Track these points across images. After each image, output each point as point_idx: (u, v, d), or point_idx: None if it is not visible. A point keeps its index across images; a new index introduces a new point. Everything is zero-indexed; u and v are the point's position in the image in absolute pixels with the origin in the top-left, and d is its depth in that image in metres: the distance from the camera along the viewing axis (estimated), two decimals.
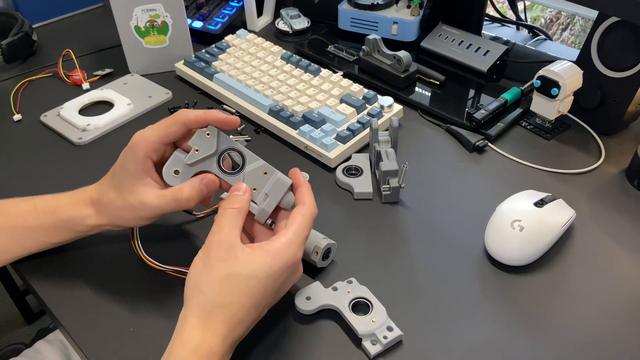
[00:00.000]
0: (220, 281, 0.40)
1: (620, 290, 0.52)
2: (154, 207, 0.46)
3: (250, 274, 0.41)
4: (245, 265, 0.41)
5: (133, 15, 0.78)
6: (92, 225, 0.49)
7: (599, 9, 0.68)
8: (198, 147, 0.46)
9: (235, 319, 0.41)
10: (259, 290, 0.41)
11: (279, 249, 0.42)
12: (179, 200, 0.46)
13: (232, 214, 0.43)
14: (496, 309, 0.51)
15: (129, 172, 0.46)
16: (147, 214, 0.47)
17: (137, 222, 0.49)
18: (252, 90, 0.74)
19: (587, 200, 0.62)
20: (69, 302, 0.51)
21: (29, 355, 0.72)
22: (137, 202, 0.46)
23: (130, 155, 0.46)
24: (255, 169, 0.46)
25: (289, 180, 0.46)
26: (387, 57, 0.78)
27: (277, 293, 0.44)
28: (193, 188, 0.46)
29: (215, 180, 0.47)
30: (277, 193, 0.46)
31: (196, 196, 0.46)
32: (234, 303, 0.40)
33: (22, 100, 0.79)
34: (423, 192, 0.63)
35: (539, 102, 0.69)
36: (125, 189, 0.47)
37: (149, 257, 0.52)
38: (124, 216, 0.48)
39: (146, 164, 0.46)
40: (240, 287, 0.41)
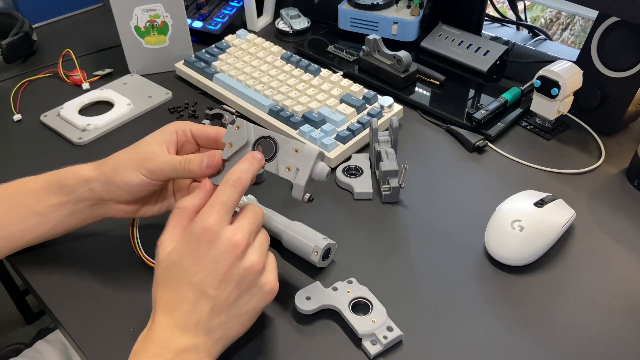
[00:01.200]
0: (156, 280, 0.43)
1: (620, 290, 0.52)
2: (155, 159, 0.47)
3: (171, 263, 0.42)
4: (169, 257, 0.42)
5: (133, 15, 0.78)
6: (82, 175, 0.49)
7: (599, 9, 0.68)
8: (231, 141, 0.47)
9: (169, 304, 0.42)
10: (179, 272, 0.41)
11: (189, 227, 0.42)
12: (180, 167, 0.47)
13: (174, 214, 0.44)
14: (496, 309, 0.51)
15: (152, 137, 0.49)
16: (146, 164, 0.47)
17: (130, 177, 0.47)
18: (252, 90, 0.74)
19: (587, 200, 0.62)
20: (69, 302, 0.51)
21: (29, 356, 0.72)
22: (146, 151, 0.47)
23: (162, 127, 0.50)
24: (286, 149, 0.47)
25: (316, 149, 0.46)
26: (387, 57, 0.78)
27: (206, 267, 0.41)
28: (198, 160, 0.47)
29: (218, 163, 0.47)
30: (306, 165, 0.46)
31: (196, 169, 0.47)
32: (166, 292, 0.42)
33: (22, 100, 0.79)
34: (423, 192, 0.63)
35: (539, 102, 0.69)
36: (141, 145, 0.49)
37: (148, 257, 0.52)
38: (121, 164, 0.48)
39: (171, 137, 0.49)
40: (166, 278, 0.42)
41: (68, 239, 0.56)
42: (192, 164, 0.47)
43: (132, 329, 0.49)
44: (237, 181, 0.43)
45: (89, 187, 0.49)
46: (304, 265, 0.54)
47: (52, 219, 0.50)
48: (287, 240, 0.54)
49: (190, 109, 0.76)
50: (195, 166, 0.47)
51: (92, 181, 0.49)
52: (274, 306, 0.50)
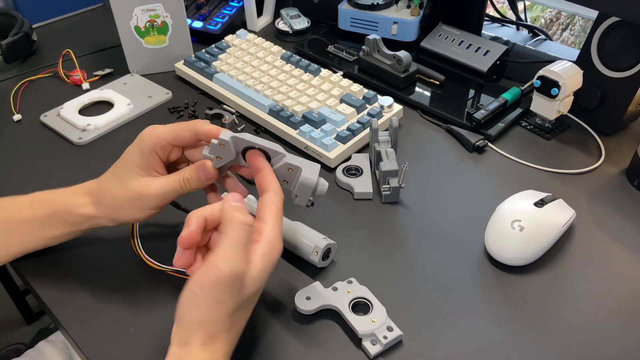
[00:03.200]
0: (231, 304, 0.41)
1: (620, 290, 0.52)
2: (154, 193, 0.47)
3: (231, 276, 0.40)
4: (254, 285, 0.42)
5: (133, 15, 0.78)
6: (85, 215, 0.49)
7: (599, 9, 0.68)
8: (219, 155, 0.47)
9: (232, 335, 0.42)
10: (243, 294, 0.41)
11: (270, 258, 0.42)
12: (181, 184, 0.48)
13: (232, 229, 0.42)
14: (496, 309, 0.51)
15: (133, 162, 0.47)
16: (146, 202, 0.47)
17: (134, 214, 0.48)
18: (252, 90, 0.74)
19: (587, 200, 0.62)
20: (69, 302, 0.51)
21: (31, 356, 0.72)
22: (138, 188, 0.47)
23: (138, 146, 0.48)
24: (281, 166, 0.47)
25: (312, 181, 0.46)
26: (387, 57, 0.78)
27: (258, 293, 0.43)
28: (191, 172, 0.48)
29: (209, 171, 0.48)
30: (305, 194, 0.47)
31: (194, 180, 0.48)
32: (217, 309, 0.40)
33: (22, 100, 0.79)
34: (423, 192, 0.63)
35: (539, 102, 0.69)
36: (126, 177, 0.48)
37: (148, 257, 0.52)
38: (121, 205, 0.48)
39: (152, 157, 0.48)
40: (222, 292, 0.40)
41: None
42: (193, 183, 0.48)
43: (132, 329, 0.49)
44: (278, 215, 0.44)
45: (96, 222, 0.50)
46: (304, 265, 0.54)
47: (62, 240, 0.52)
48: (287, 240, 0.54)
49: (190, 109, 0.76)
50: (196, 183, 0.48)
51: (97, 218, 0.49)
52: (274, 306, 0.50)
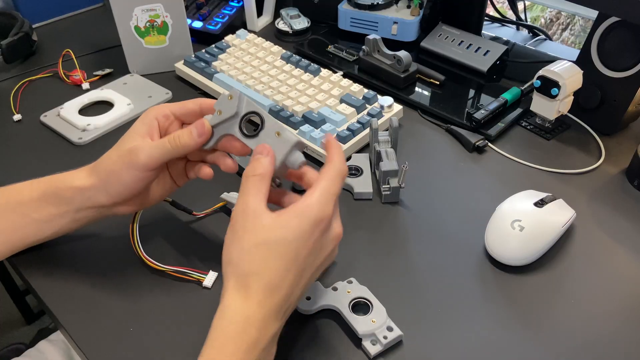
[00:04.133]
0: (249, 251, 0.40)
1: (620, 290, 0.52)
2: (142, 149, 0.46)
3: (278, 238, 0.40)
4: (272, 230, 0.40)
5: (133, 15, 0.78)
6: (78, 186, 0.48)
7: (599, 9, 0.68)
8: (220, 109, 0.47)
9: (271, 284, 0.40)
10: (291, 252, 0.40)
11: (306, 207, 0.41)
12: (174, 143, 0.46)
13: (253, 182, 0.42)
14: (496, 309, 0.51)
15: (133, 129, 0.48)
16: (135, 160, 0.46)
17: (126, 177, 0.47)
18: (252, 90, 0.74)
19: (587, 200, 0.62)
20: (69, 302, 0.51)
21: (32, 355, 0.72)
22: (130, 146, 0.47)
23: (142, 116, 0.49)
24: (269, 129, 0.46)
25: (293, 138, 0.45)
26: (387, 57, 0.78)
27: (314, 253, 0.41)
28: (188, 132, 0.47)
29: (207, 131, 0.47)
30: (282, 151, 0.45)
31: (188, 140, 0.46)
32: (266, 269, 0.40)
33: (22, 100, 0.78)
34: (423, 192, 0.63)
35: (539, 102, 0.69)
36: (123, 142, 0.48)
37: (148, 257, 0.52)
38: (112, 168, 0.47)
39: (152, 125, 0.48)
40: (269, 253, 0.40)
41: (68, 239, 0.56)
42: (183, 138, 0.46)
43: (132, 329, 0.49)
44: (344, 173, 0.44)
45: (87, 196, 0.49)
46: None
47: (54, 225, 0.51)
48: None
49: None
50: (186, 139, 0.46)
51: (88, 189, 0.48)
52: None
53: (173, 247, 0.57)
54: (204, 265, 0.54)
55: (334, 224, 0.43)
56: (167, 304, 0.51)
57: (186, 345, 0.47)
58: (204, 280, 0.52)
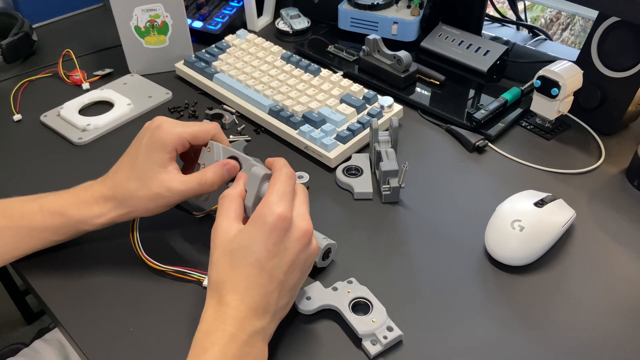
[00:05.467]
0: (218, 261, 0.43)
1: (620, 290, 0.52)
2: (178, 193, 0.49)
3: (239, 247, 0.43)
4: (234, 240, 0.43)
5: (133, 15, 0.78)
6: (103, 223, 0.51)
7: (599, 9, 0.68)
8: (204, 162, 0.52)
9: (241, 288, 0.42)
10: (251, 258, 0.42)
11: (259, 213, 0.43)
12: (203, 184, 0.49)
13: (221, 203, 0.46)
14: (496, 309, 0.51)
15: (154, 161, 0.49)
16: (171, 200, 0.50)
17: (151, 210, 0.50)
18: (252, 90, 0.74)
19: (587, 200, 0.62)
20: (69, 302, 0.51)
21: (27, 355, 0.72)
22: (163, 189, 0.49)
23: (160, 144, 0.49)
24: (245, 169, 0.50)
25: (260, 172, 0.47)
26: (387, 57, 0.78)
27: (280, 255, 0.43)
28: (216, 173, 0.50)
29: (236, 165, 0.50)
30: (253, 186, 0.47)
31: (218, 180, 0.50)
32: (233, 275, 0.42)
33: (22, 100, 0.78)
34: (423, 192, 0.63)
35: (539, 102, 0.69)
36: (149, 178, 0.49)
37: (148, 257, 0.52)
38: (146, 206, 0.50)
39: (172, 154, 0.50)
40: (234, 261, 0.43)
41: None
42: (216, 185, 0.50)
43: (132, 328, 0.49)
44: (291, 174, 0.46)
45: (109, 223, 0.51)
46: None
47: (60, 240, 0.53)
48: None
49: (190, 109, 0.76)
50: (218, 185, 0.50)
51: (112, 222, 0.51)
52: None
53: (173, 247, 0.57)
54: (204, 266, 0.54)
55: (297, 222, 0.44)
56: (167, 304, 0.51)
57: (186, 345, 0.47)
58: (204, 280, 0.52)
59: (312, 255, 0.45)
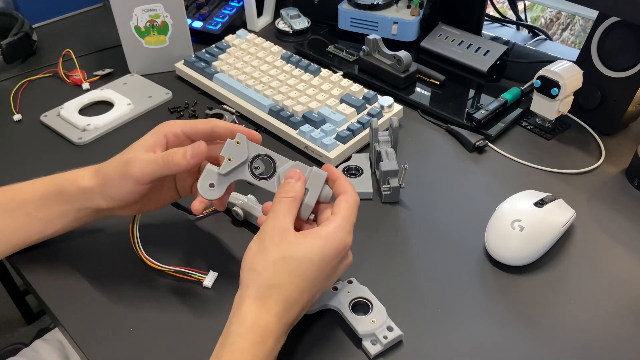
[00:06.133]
0: (275, 263, 0.41)
1: (620, 290, 0.52)
2: (137, 161, 0.46)
3: (303, 257, 0.41)
4: (298, 248, 0.42)
5: (133, 15, 0.78)
6: (81, 186, 0.49)
7: (599, 9, 0.68)
8: (230, 156, 0.47)
9: (290, 299, 0.41)
10: (312, 273, 0.42)
11: (330, 233, 0.42)
12: (166, 159, 0.46)
13: (285, 203, 0.44)
14: (496, 309, 0.51)
15: (141, 141, 0.49)
16: (129, 170, 0.46)
17: (121, 186, 0.47)
18: (252, 90, 0.74)
19: (587, 200, 0.62)
20: (69, 302, 0.51)
21: (27, 355, 0.72)
22: (128, 156, 0.47)
23: (153, 130, 0.49)
24: (287, 166, 0.47)
25: (324, 172, 0.47)
26: (387, 57, 0.78)
27: (328, 278, 0.44)
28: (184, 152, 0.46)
29: (203, 149, 0.47)
30: (317, 186, 0.46)
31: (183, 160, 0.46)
32: (288, 284, 0.41)
33: (22, 100, 0.78)
34: (423, 192, 0.63)
35: (539, 102, 0.69)
36: (128, 150, 0.49)
37: (148, 257, 0.52)
38: (111, 175, 0.48)
39: (159, 140, 0.49)
40: (293, 269, 0.41)
41: (68, 238, 0.56)
42: (176, 156, 0.46)
43: (132, 329, 0.49)
44: (358, 203, 0.46)
45: (87, 197, 0.49)
46: None
47: (56, 224, 0.51)
48: None
49: (190, 109, 0.76)
50: (179, 158, 0.46)
51: (89, 191, 0.49)
52: None
53: (173, 247, 0.57)
54: (204, 265, 0.54)
55: (349, 252, 0.45)
56: (167, 304, 0.51)
57: (186, 345, 0.47)
58: (204, 280, 0.52)
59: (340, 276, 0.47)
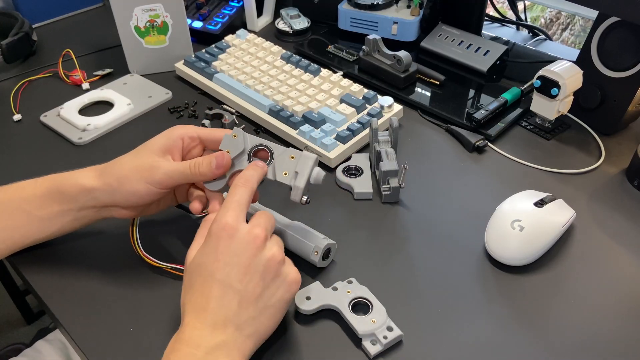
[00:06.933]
0: (183, 287, 0.44)
1: (620, 290, 0.52)
2: (163, 167, 0.48)
3: (195, 265, 0.43)
4: (194, 261, 0.44)
5: (133, 15, 0.78)
6: (83, 185, 0.49)
7: (599, 9, 0.68)
8: (229, 149, 0.49)
9: (196, 304, 0.42)
10: (205, 271, 0.42)
11: (209, 228, 0.43)
12: (192, 169, 0.48)
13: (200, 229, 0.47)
14: (496, 309, 0.51)
15: (154, 143, 0.49)
16: (153, 175, 0.48)
17: (136, 186, 0.48)
18: (252, 90, 0.74)
19: (587, 200, 0.62)
20: (69, 302, 0.51)
21: (29, 355, 0.73)
22: (149, 161, 0.48)
23: (166, 132, 0.50)
24: (282, 154, 0.49)
25: (314, 155, 0.48)
26: (387, 57, 0.78)
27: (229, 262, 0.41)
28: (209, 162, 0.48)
29: (228, 161, 0.49)
30: (306, 168, 0.48)
31: (208, 170, 0.48)
32: (191, 294, 0.42)
33: (22, 100, 0.79)
34: (423, 192, 0.63)
35: (539, 102, 0.69)
36: (142, 154, 0.49)
37: (148, 255, 0.52)
38: (126, 175, 0.48)
39: (176, 143, 0.50)
40: (191, 280, 0.43)
41: (68, 239, 0.56)
42: (202, 167, 0.48)
43: (132, 328, 0.49)
44: (245, 182, 0.45)
45: (92, 197, 0.49)
46: (304, 265, 0.54)
47: (56, 223, 0.51)
48: (287, 240, 0.54)
49: (190, 109, 0.76)
50: (205, 168, 0.48)
51: (95, 191, 0.49)
52: None
53: (173, 246, 0.57)
54: None
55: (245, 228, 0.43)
56: (166, 304, 0.51)
57: None
58: None
59: (271, 261, 0.43)
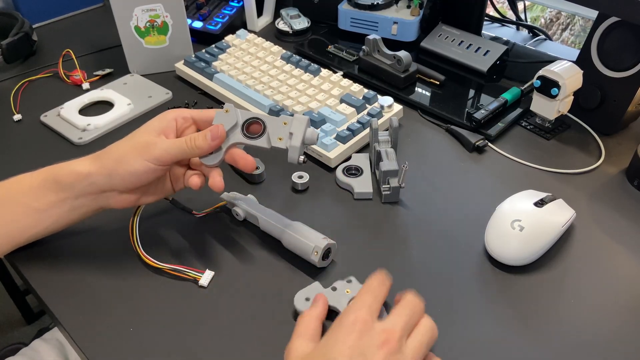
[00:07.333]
0: None
1: (620, 290, 0.52)
2: (160, 144, 0.48)
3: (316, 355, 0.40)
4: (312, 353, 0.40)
5: (133, 15, 0.78)
6: (79, 172, 0.49)
7: (599, 9, 0.68)
8: (222, 123, 0.51)
9: None
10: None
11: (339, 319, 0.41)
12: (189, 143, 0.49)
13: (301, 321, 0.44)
14: (496, 309, 0.51)
15: (149, 125, 0.50)
16: (150, 152, 0.48)
17: (134, 165, 0.48)
18: (252, 90, 0.74)
19: (587, 200, 0.62)
20: (69, 302, 0.51)
21: (27, 354, 0.73)
22: (146, 139, 0.49)
23: (159, 115, 0.51)
24: (275, 122, 0.51)
25: (306, 117, 0.50)
26: (387, 57, 0.78)
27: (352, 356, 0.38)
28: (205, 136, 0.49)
29: (222, 132, 0.50)
30: (299, 128, 0.50)
31: (201, 137, 0.49)
32: None
33: (22, 100, 0.79)
34: (423, 192, 0.63)
35: (539, 102, 0.69)
36: (137, 134, 0.50)
37: (146, 255, 0.52)
38: (122, 156, 0.48)
39: (170, 124, 0.50)
40: None
41: (68, 238, 0.56)
42: (198, 140, 0.49)
43: (132, 328, 0.49)
44: (384, 281, 0.44)
45: (89, 182, 0.49)
46: (304, 265, 0.54)
47: (52, 215, 0.51)
48: (287, 240, 0.54)
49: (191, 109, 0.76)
50: (201, 141, 0.49)
51: (91, 176, 0.49)
52: (273, 307, 0.50)
53: (172, 246, 0.57)
54: (201, 265, 0.54)
55: (381, 327, 0.40)
56: (166, 304, 0.51)
57: (185, 345, 0.47)
58: (200, 279, 0.52)
59: None
